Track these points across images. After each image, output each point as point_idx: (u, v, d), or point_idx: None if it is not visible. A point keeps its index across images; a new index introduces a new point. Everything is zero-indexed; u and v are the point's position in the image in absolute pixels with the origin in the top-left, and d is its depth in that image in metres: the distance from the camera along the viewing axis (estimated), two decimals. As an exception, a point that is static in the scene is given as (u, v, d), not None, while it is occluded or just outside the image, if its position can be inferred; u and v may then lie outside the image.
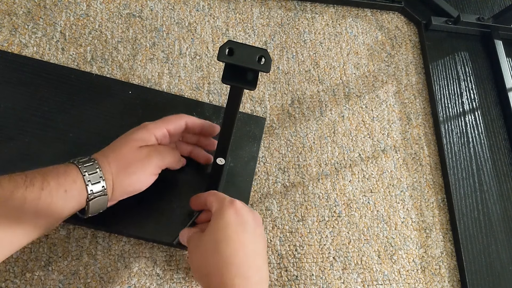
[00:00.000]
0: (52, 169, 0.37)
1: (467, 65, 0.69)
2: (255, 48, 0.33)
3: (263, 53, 0.33)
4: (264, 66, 0.33)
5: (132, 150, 0.41)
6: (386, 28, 0.70)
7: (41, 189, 0.34)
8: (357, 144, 0.60)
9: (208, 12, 0.65)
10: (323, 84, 0.63)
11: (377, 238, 0.54)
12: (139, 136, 0.43)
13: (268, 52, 0.33)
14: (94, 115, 0.52)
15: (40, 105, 0.51)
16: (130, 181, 0.41)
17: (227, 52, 0.33)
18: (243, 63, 0.33)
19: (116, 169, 0.39)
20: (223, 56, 0.32)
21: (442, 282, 0.53)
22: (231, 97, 0.38)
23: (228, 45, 0.33)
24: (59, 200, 0.35)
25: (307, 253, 0.52)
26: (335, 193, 0.56)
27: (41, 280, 0.45)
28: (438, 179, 0.60)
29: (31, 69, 0.53)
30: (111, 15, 0.61)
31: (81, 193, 0.37)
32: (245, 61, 0.33)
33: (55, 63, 0.55)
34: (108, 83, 0.54)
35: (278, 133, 0.58)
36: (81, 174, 0.37)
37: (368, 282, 0.52)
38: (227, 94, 0.38)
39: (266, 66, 0.33)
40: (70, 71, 0.54)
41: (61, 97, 0.52)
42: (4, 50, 0.54)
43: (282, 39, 0.65)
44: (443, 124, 0.63)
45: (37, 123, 0.49)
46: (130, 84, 0.56)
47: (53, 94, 0.52)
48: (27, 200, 0.33)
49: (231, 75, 0.34)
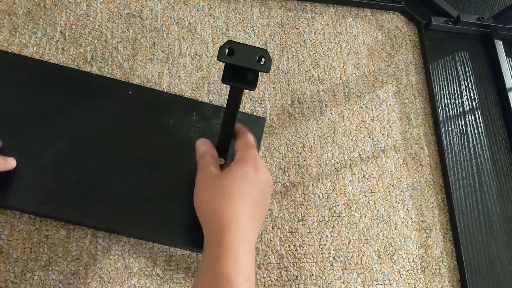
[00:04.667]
0: None
1: (467, 65, 0.69)
2: (255, 48, 0.33)
3: (263, 53, 0.33)
4: (264, 66, 0.33)
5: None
6: (386, 28, 0.70)
7: None
8: (357, 144, 0.60)
9: (208, 12, 0.65)
10: (323, 84, 0.63)
11: (377, 238, 0.54)
12: None
13: (268, 52, 0.33)
14: (94, 115, 0.52)
15: (40, 105, 0.51)
16: None
17: (227, 52, 0.32)
18: (243, 63, 0.33)
19: None
20: (223, 56, 0.32)
21: (442, 282, 0.53)
22: (231, 97, 0.37)
23: (228, 45, 0.33)
24: None
25: (307, 253, 0.52)
26: (335, 193, 0.56)
27: (41, 280, 0.45)
28: (438, 179, 0.60)
29: (31, 69, 0.53)
30: (111, 15, 0.61)
31: None
32: (245, 61, 0.33)
33: (55, 63, 0.55)
34: (108, 83, 0.54)
35: (278, 133, 0.58)
36: None
37: (368, 282, 0.52)
38: (227, 94, 0.38)
39: (266, 66, 0.33)
40: (70, 71, 0.54)
41: (61, 97, 0.52)
42: (4, 50, 0.54)
43: (282, 39, 0.65)
44: (443, 124, 0.63)
45: (37, 123, 0.49)
46: (130, 84, 0.56)
47: (53, 94, 0.52)
48: None
49: (231, 75, 0.34)
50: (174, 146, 0.51)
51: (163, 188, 0.48)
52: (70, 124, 0.50)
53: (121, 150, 0.50)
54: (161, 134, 0.51)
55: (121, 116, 0.52)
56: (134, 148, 0.50)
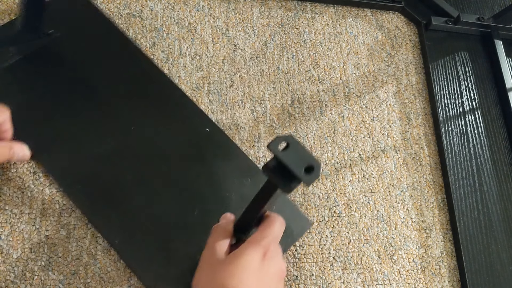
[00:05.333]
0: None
1: (467, 65, 0.69)
2: (310, 156, 0.30)
3: (314, 164, 0.30)
4: (308, 178, 0.30)
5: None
6: (386, 28, 0.70)
7: None
8: (357, 144, 0.60)
9: (208, 12, 0.65)
10: (323, 84, 0.63)
11: (377, 238, 0.54)
12: None
13: (320, 166, 0.30)
14: (163, 134, 0.52)
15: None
16: None
17: (282, 147, 0.30)
18: (291, 166, 0.30)
19: None
20: (275, 148, 0.30)
21: (442, 282, 0.53)
22: (264, 189, 0.35)
23: (287, 140, 0.31)
24: None
25: (307, 253, 0.52)
26: (335, 193, 0.56)
27: (41, 280, 0.45)
28: (438, 179, 0.60)
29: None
30: (111, 15, 0.61)
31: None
32: (293, 165, 0.30)
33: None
34: (191, 112, 0.55)
35: (278, 133, 0.58)
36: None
37: (368, 282, 0.52)
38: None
39: (309, 180, 0.30)
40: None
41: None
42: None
43: (282, 39, 0.65)
44: (443, 124, 0.63)
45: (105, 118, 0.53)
46: (209, 119, 0.55)
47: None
48: None
49: (275, 169, 0.32)
50: (214, 196, 0.50)
51: (171, 230, 0.47)
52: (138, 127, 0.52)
53: (164, 181, 0.49)
54: (207, 181, 0.50)
55: (184, 148, 0.52)
56: (176, 182, 0.49)
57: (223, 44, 0.63)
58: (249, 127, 0.58)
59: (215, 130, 0.54)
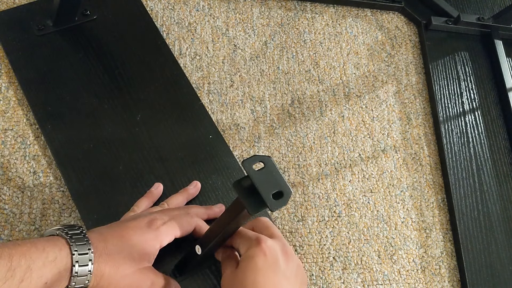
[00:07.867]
0: (41, 252, 0.32)
1: (467, 65, 0.69)
2: (282, 180, 0.29)
3: (285, 190, 0.29)
4: (275, 203, 0.29)
5: (134, 273, 0.36)
6: (386, 28, 0.70)
7: (20, 281, 0.31)
8: (357, 144, 0.60)
9: (208, 12, 0.65)
10: (323, 84, 0.63)
11: (377, 238, 0.54)
12: (146, 248, 0.38)
13: (290, 194, 0.29)
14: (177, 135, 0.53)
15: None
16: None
17: (257, 167, 0.29)
18: (261, 189, 0.29)
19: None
20: (249, 167, 0.29)
21: (442, 282, 0.53)
22: (231, 207, 0.34)
23: (262, 160, 0.29)
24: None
25: (307, 253, 0.52)
26: (335, 193, 0.56)
27: (41, 280, 0.45)
28: (438, 179, 0.60)
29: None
30: (111, 15, 0.61)
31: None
32: (263, 188, 0.29)
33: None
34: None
35: (278, 133, 0.58)
36: (70, 274, 0.33)
37: (368, 282, 0.52)
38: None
39: (276, 205, 0.29)
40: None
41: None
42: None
43: (282, 39, 0.65)
44: (443, 124, 0.63)
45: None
46: (214, 127, 0.55)
47: None
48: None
49: (246, 189, 0.30)
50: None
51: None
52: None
53: (156, 178, 0.50)
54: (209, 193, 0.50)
55: (184, 148, 0.52)
56: (167, 181, 0.50)
57: (223, 44, 0.63)
58: (249, 127, 0.58)
59: (218, 139, 0.54)
